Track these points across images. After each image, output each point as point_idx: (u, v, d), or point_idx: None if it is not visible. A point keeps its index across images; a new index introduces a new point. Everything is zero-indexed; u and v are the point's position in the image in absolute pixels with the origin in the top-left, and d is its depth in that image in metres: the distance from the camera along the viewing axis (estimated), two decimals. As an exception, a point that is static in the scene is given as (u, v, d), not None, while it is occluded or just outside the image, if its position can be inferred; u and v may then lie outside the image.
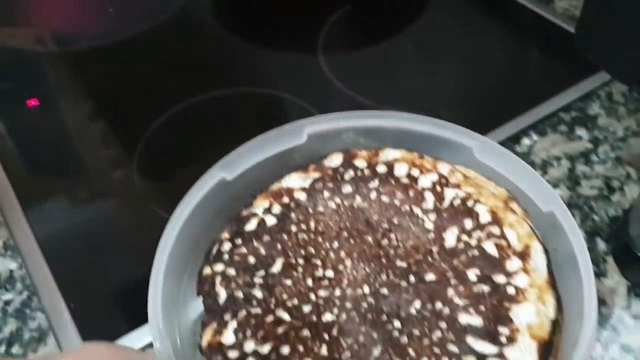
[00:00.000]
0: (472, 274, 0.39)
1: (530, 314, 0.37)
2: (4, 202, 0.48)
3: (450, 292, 0.38)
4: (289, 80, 0.61)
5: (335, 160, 0.45)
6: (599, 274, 0.46)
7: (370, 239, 0.42)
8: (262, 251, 0.40)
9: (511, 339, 0.36)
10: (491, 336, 0.36)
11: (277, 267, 0.40)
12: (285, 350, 0.35)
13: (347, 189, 0.44)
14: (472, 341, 0.36)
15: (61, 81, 0.61)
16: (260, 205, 0.43)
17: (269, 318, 0.37)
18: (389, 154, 0.45)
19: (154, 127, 0.56)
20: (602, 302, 0.44)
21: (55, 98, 0.59)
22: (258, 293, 0.38)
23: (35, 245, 0.46)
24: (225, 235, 0.42)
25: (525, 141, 0.55)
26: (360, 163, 0.45)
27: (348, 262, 0.40)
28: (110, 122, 0.57)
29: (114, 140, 0.55)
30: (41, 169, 0.52)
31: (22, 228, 0.47)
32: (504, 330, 0.36)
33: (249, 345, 0.35)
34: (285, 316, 0.37)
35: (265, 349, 0.35)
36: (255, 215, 0.42)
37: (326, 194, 0.44)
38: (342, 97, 0.59)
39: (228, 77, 0.61)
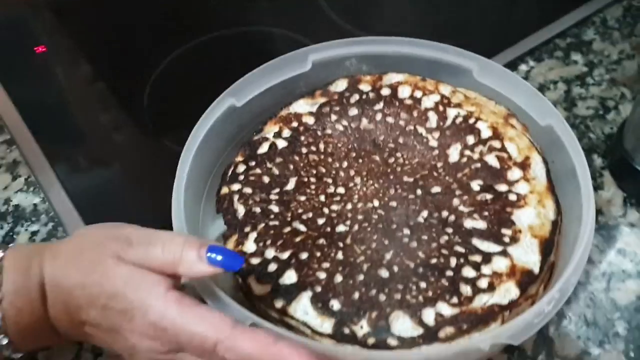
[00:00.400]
0: (476, 184, 0.41)
1: (531, 217, 0.39)
2: (21, 142, 0.50)
3: (456, 201, 0.41)
4: (289, 18, 0.62)
5: (340, 85, 0.47)
6: (596, 187, 0.48)
7: (377, 158, 0.44)
8: (276, 171, 0.42)
9: (514, 239, 0.38)
10: (495, 237, 0.38)
11: (290, 185, 0.42)
12: (304, 255, 0.38)
13: (353, 111, 0.46)
14: (477, 242, 0.38)
15: (64, 29, 0.62)
16: (270, 130, 0.45)
17: (287, 229, 0.39)
18: (392, 77, 0.47)
19: (159, 70, 0.57)
20: (599, 212, 0.47)
21: (60, 44, 0.60)
22: (274, 208, 0.40)
23: (55, 180, 0.47)
24: (239, 158, 0.43)
25: (523, 67, 0.57)
26: (365, 87, 0.47)
27: (358, 180, 0.42)
28: (115, 67, 0.58)
29: (121, 83, 0.56)
30: (51, 106, 0.54)
31: (42, 165, 0.48)
32: (507, 232, 0.39)
33: (270, 253, 0.38)
34: (302, 227, 0.39)
35: (285, 255, 0.38)
36: (266, 139, 0.44)
37: (333, 117, 0.45)
38: (343, 34, 0.59)
39: (228, 18, 0.62)
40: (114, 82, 0.56)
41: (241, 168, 0.43)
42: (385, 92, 0.46)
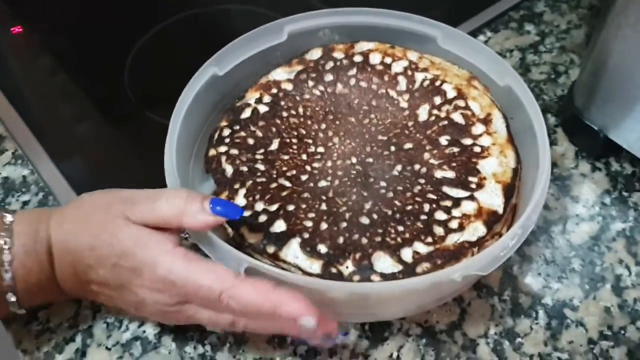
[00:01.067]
0: (444, 139, 0.45)
1: (494, 165, 0.43)
2: (6, 118, 0.51)
3: (426, 155, 0.44)
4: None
5: (315, 54, 0.50)
6: (551, 143, 0.53)
7: (353, 119, 0.47)
8: (259, 134, 0.45)
9: (480, 185, 0.42)
10: (463, 184, 0.42)
11: (274, 146, 0.45)
12: (291, 207, 0.41)
13: (329, 77, 0.49)
14: (447, 189, 0.42)
15: (42, 8, 0.63)
16: (251, 96, 0.48)
17: (273, 185, 0.42)
18: (363, 45, 0.50)
19: (137, 47, 0.59)
20: (554, 164, 0.51)
21: (37, 26, 0.61)
22: (261, 166, 0.43)
23: (43, 152, 0.49)
24: (224, 123, 0.46)
25: (481, 37, 0.61)
26: (339, 55, 0.50)
27: (336, 140, 0.46)
28: (95, 45, 0.59)
29: (101, 61, 0.58)
30: (31, 83, 0.55)
31: (29, 139, 0.50)
32: (473, 179, 0.43)
33: (259, 206, 0.41)
34: (287, 183, 0.42)
35: (274, 207, 0.40)
36: (248, 105, 0.47)
37: (310, 83, 0.48)
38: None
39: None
40: (94, 60, 0.58)
41: (226, 132, 0.45)
42: (358, 59, 0.50)
